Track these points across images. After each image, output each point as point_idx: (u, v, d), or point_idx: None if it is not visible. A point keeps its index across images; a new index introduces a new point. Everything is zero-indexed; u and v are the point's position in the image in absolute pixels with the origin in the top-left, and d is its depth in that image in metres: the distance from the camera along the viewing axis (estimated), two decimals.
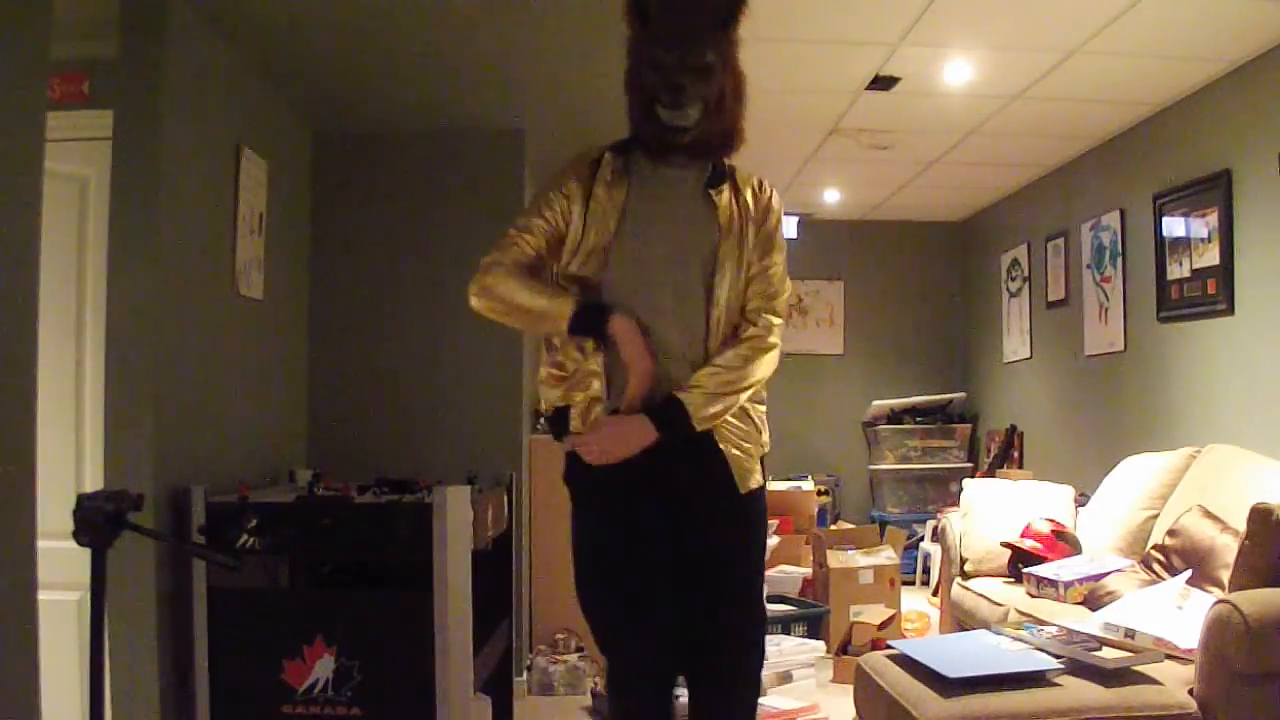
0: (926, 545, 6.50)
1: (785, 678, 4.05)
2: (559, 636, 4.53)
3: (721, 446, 2.11)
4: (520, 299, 2.11)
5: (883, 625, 4.56)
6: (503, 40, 3.50)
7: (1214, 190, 4.24)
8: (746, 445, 2.15)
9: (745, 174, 2.24)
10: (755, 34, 2.19)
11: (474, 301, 2.17)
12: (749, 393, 2.12)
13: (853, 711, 3.08)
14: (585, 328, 2.07)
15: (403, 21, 3.32)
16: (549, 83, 3.92)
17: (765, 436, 2.22)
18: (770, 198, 2.23)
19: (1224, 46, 3.94)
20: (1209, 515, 3.39)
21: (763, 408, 2.22)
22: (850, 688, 3.13)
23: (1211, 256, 4.26)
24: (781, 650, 4.09)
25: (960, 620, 4.29)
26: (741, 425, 2.14)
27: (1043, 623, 3.20)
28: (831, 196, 6.73)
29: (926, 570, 6.45)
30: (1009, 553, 4.25)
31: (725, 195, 2.16)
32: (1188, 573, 3.26)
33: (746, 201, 2.18)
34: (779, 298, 2.18)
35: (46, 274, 2.24)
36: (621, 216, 2.10)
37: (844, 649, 4.48)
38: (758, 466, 2.17)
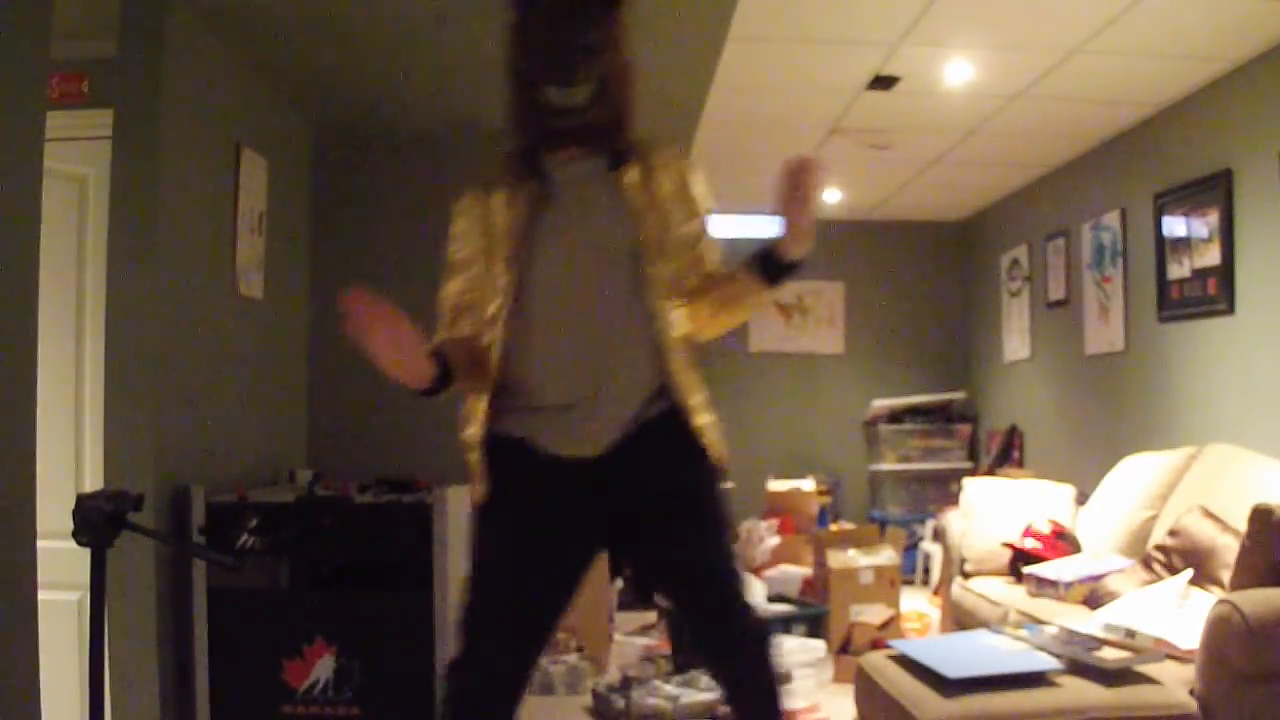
0: (927, 545, 6.49)
1: (785, 678, 4.04)
2: (559, 636, 4.53)
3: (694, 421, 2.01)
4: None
5: (883, 625, 4.55)
6: (503, 41, 3.50)
7: (1214, 190, 4.24)
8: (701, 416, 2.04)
9: (648, 142, 2.12)
10: (755, 34, 2.19)
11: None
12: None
13: (853, 711, 3.08)
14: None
15: (403, 21, 3.32)
16: None
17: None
18: (683, 165, 2.11)
19: (1224, 46, 3.94)
20: (1209, 515, 3.39)
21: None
22: (851, 688, 3.13)
23: (1212, 256, 4.26)
24: (781, 650, 4.08)
25: (960, 620, 4.28)
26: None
27: (1043, 623, 3.20)
28: (831, 197, 6.74)
29: (927, 570, 6.45)
30: (1009, 553, 4.24)
31: (632, 175, 2.05)
32: (1188, 573, 3.26)
33: (658, 177, 2.06)
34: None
35: (46, 274, 2.24)
36: (523, 237, 2.00)
37: (844, 649, 4.47)
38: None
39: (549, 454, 2.00)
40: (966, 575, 4.44)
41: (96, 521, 1.80)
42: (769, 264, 1.96)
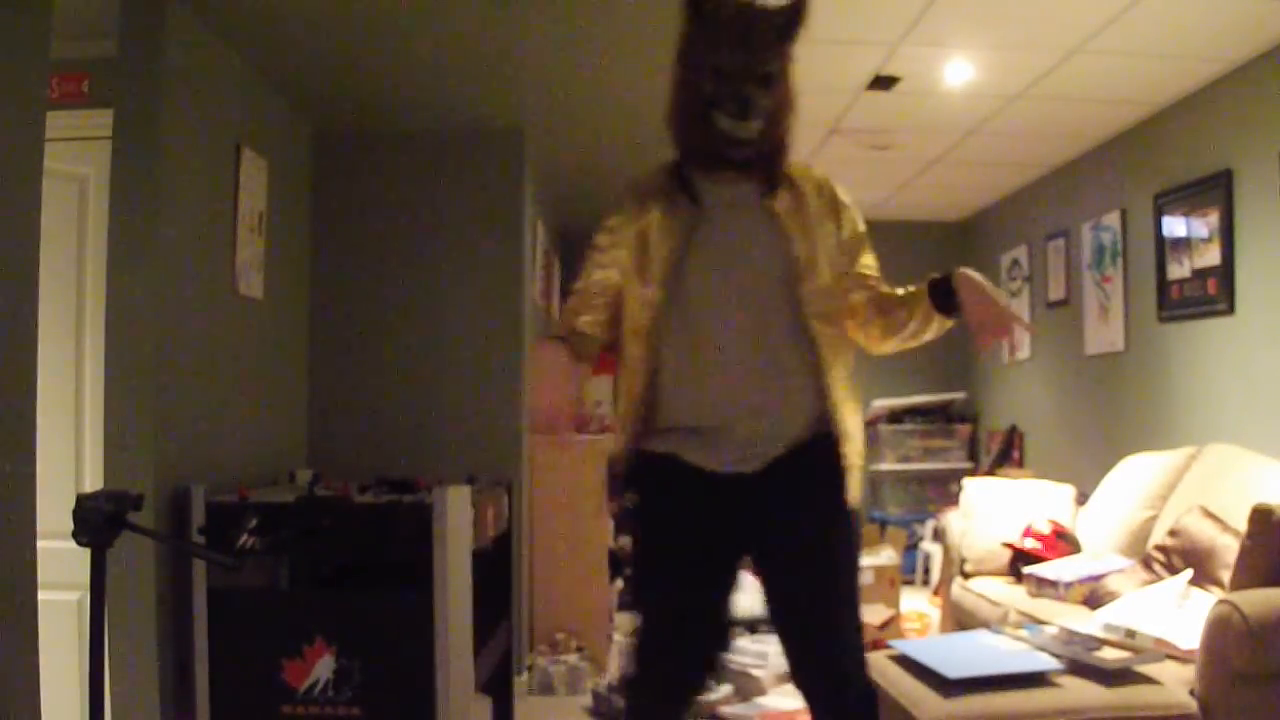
0: (927, 545, 6.49)
1: (786, 678, 4.05)
2: (559, 636, 4.53)
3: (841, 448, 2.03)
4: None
5: (883, 625, 4.55)
6: (502, 40, 3.50)
7: (1214, 190, 4.24)
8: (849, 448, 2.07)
9: (800, 168, 2.12)
10: None
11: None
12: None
13: None
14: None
15: (402, 21, 3.32)
16: (549, 83, 3.92)
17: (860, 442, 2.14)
18: (830, 187, 2.12)
19: (1224, 46, 3.94)
20: (1209, 515, 3.39)
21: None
22: None
23: (1212, 256, 4.26)
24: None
25: (960, 620, 4.28)
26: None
27: (1043, 623, 3.20)
28: None
29: (927, 570, 6.45)
30: (1009, 553, 4.25)
31: (784, 201, 2.05)
32: (1188, 573, 3.26)
33: (809, 201, 2.07)
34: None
35: (46, 274, 2.24)
36: (681, 255, 1.99)
37: None
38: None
39: (699, 468, 2.01)
40: (966, 575, 4.44)
41: (96, 521, 1.81)
42: (942, 294, 2.04)
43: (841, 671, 2.01)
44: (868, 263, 2.16)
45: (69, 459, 3.01)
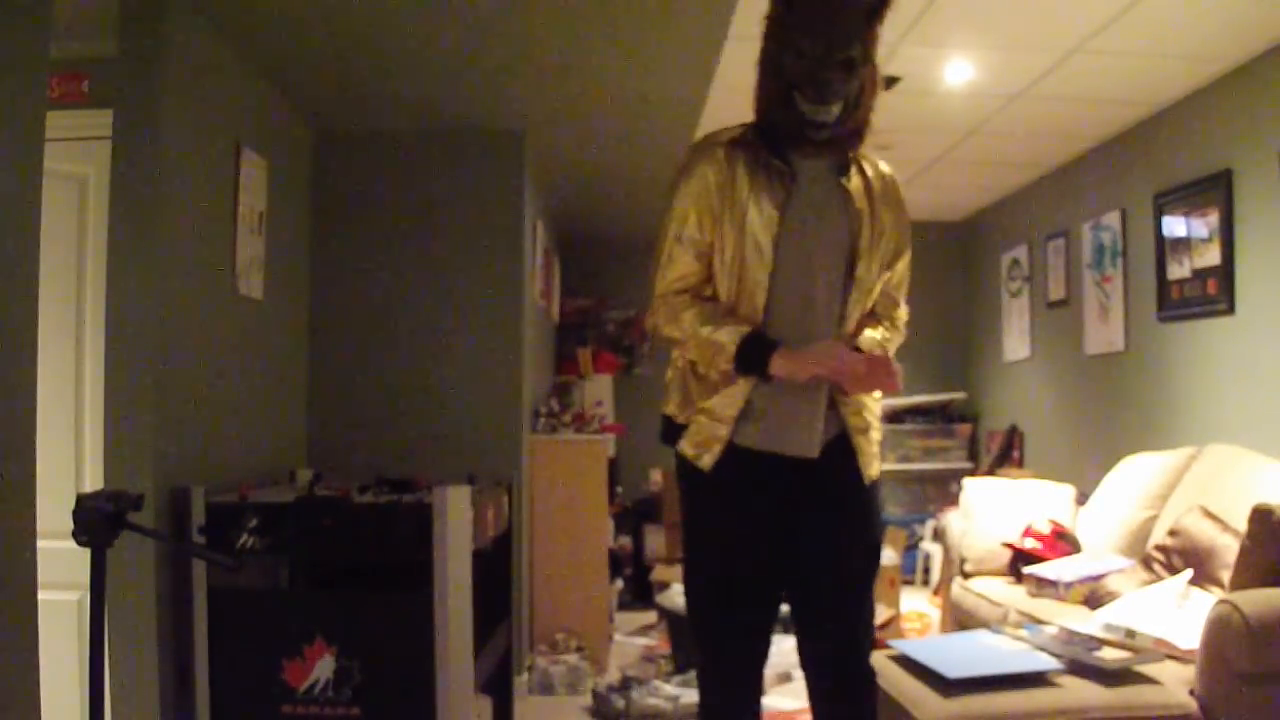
0: (927, 545, 6.49)
1: (785, 678, 4.05)
2: (559, 636, 4.53)
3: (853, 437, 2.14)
4: (698, 330, 2.06)
5: (883, 625, 4.55)
6: (503, 40, 3.50)
7: (1214, 190, 4.24)
8: (873, 433, 2.20)
9: (866, 156, 2.18)
10: (755, 34, 2.18)
11: (661, 331, 2.14)
12: None
13: None
14: (747, 366, 2.03)
15: (403, 21, 3.32)
16: (549, 83, 3.92)
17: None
18: (895, 184, 2.19)
19: (1224, 46, 3.94)
20: (1209, 515, 3.39)
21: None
22: None
23: (1212, 256, 4.26)
24: (782, 650, 4.08)
25: (961, 620, 4.29)
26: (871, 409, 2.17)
27: (1043, 623, 3.20)
28: None
29: (927, 570, 6.45)
30: (1009, 553, 4.25)
31: (856, 182, 2.11)
32: (1188, 573, 3.26)
33: (875, 187, 2.14)
34: (901, 304, 2.24)
35: (46, 274, 2.24)
36: (776, 216, 2.04)
37: None
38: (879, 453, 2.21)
39: (770, 452, 2.09)
40: (966, 575, 4.44)
41: (96, 521, 1.81)
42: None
43: (857, 669, 2.15)
44: (896, 281, 2.21)
45: (69, 459, 3.01)
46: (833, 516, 2.13)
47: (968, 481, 5.00)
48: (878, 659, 2.96)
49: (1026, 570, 3.99)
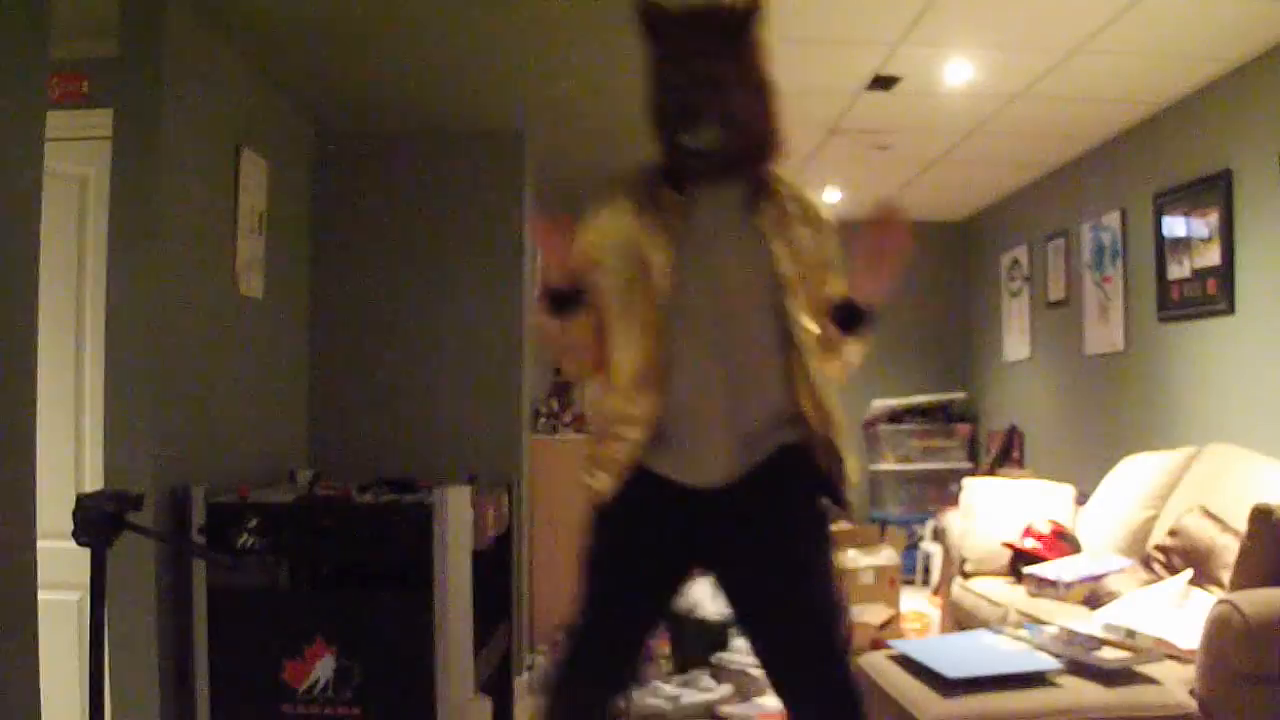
0: (927, 545, 6.49)
1: None
2: (559, 636, 4.52)
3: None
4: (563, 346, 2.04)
5: (883, 625, 4.55)
6: (503, 41, 3.50)
7: (1214, 190, 4.24)
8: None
9: (789, 182, 2.07)
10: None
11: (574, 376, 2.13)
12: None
13: None
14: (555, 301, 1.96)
15: (403, 21, 3.32)
16: (549, 83, 3.92)
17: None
18: (818, 207, 2.07)
19: (1224, 46, 3.94)
20: (1209, 515, 3.39)
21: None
22: None
23: (1212, 256, 4.26)
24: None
25: (960, 620, 4.28)
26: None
27: (1043, 623, 3.20)
28: (832, 196, 6.74)
29: (927, 570, 6.45)
30: (1009, 553, 4.24)
31: (766, 206, 1.99)
32: (1188, 573, 3.26)
33: (789, 208, 2.01)
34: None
35: (46, 274, 2.24)
36: (665, 249, 1.95)
37: None
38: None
39: (673, 481, 1.98)
40: (966, 575, 4.44)
41: (96, 521, 1.81)
42: (846, 314, 2.01)
43: (836, 681, 1.95)
44: (835, 277, 2.09)
45: (69, 459, 3.01)
46: (765, 559, 1.97)
47: (968, 481, 4.99)
48: (878, 659, 2.96)
49: (1026, 570, 3.99)
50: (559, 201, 2.18)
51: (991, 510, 4.53)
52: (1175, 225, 4.56)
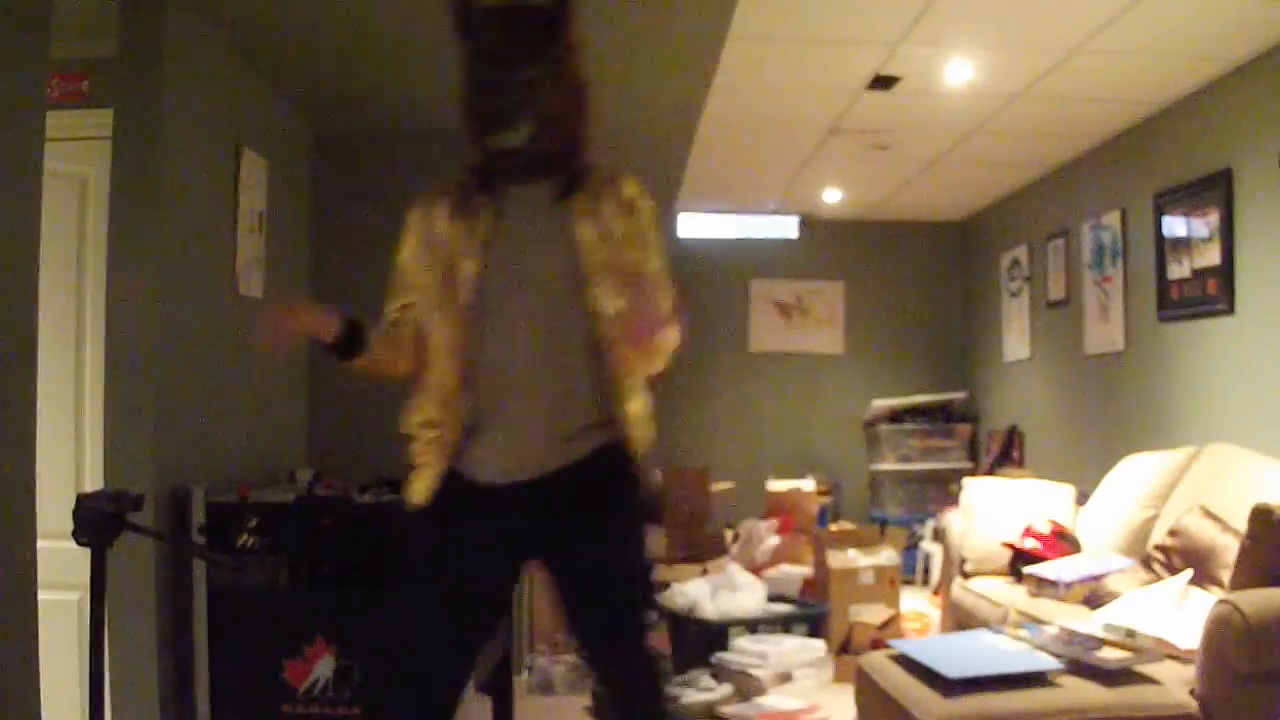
0: (927, 545, 6.49)
1: (786, 678, 4.05)
2: (559, 636, 4.53)
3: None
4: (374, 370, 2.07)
5: (883, 625, 4.55)
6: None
7: (1214, 190, 4.24)
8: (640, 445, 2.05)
9: (603, 172, 2.07)
10: (755, 34, 2.18)
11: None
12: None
13: (854, 711, 3.08)
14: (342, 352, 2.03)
15: (403, 21, 3.32)
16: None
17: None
18: (632, 193, 2.05)
19: (1224, 46, 3.94)
20: (1210, 515, 3.39)
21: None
22: (851, 688, 3.13)
23: (1212, 256, 4.26)
24: (782, 650, 4.09)
25: (961, 620, 4.28)
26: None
27: (1043, 623, 3.20)
28: (831, 196, 6.73)
29: (927, 570, 6.45)
30: (1009, 553, 4.24)
31: (576, 203, 2.00)
32: (1188, 573, 3.26)
33: (605, 205, 2.02)
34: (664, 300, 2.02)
35: (46, 274, 2.24)
36: (475, 253, 1.98)
37: (844, 649, 4.48)
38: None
39: (487, 481, 2.00)
40: (966, 575, 4.44)
41: (96, 521, 1.80)
42: None
43: (633, 667, 2.04)
44: (651, 267, 2.06)
45: (69, 459, 3.01)
46: (581, 551, 2.01)
47: (968, 481, 4.99)
48: (878, 659, 2.96)
49: (1026, 570, 3.99)
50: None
51: (991, 510, 4.53)
52: (1175, 225, 4.56)
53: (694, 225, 7.31)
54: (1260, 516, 2.80)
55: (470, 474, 2.01)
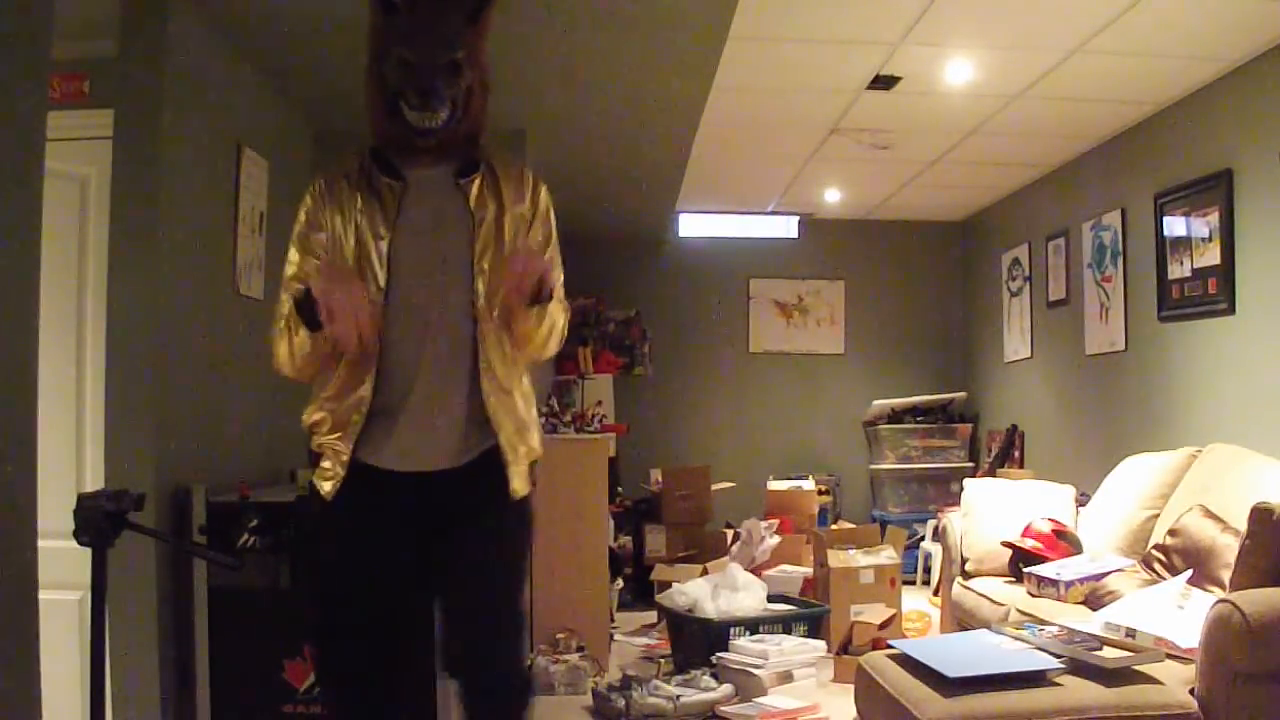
0: (927, 545, 6.49)
1: (786, 677, 4.05)
2: (559, 636, 4.53)
3: (501, 444, 2.02)
4: (294, 347, 2.02)
5: (883, 625, 4.55)
6: (503, 41, 3.50)
7: (1215, 190, 4.24)
8: (519, 446, 2.06)
9: (506, 162, 2.13)
10: (755, 34, 2.18)
11: (284, 372, 2.08)
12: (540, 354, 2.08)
13: (854, 711, 3.08)
14: (309, 321, 1.96)
15: None
16: (549, 83, 3.92)
17: (536, 439, 2.11)
18: (536, 188, 2.11)
19: (1224, 46, 3.94)
20: (1210, 515, 3.39)
21: (533, 410, 2.11)
22: (851, 687, 3.13)
23: (1212, 256, 4.26)
24: (782, 650, 4.09)
25: (961, 620, 4.28)
26: (521, 416, 2.06)
27: (1043, 622, 3.20)
28: (832, 196, 6.74)
29: (927, 570, 6.45)
30: (1010, 552, 4.24)
31: (476, 186, 2.04)
32: (1189, 572, 3.25)
33: (505, 190, 2.06)
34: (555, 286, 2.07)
35: (46, 274, 2.24)
36: (387, 233, 1.99)
37: (845, 649, 4.48)
38: (525, 469, 2.08)
39: (389, 470, 2.01)
40: (967, 575, 4.44)
41: (97, 521, 1.81)
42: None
43: (501, 671, 2.04)
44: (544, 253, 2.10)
45: (69, 459, 3.01)
46: (471, 538, 2.03)
47: (968, 481, 4.99)
48: (878, 658, 2.96)
49: (1027, 570, 3.99)
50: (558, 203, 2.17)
51: (992, 510, 4.53)
52: (1176, 225, 4.56)
53: (694, 225, 7.30)
54: (1260, 516, 2.81)
55: (375, 460, 2.01)
